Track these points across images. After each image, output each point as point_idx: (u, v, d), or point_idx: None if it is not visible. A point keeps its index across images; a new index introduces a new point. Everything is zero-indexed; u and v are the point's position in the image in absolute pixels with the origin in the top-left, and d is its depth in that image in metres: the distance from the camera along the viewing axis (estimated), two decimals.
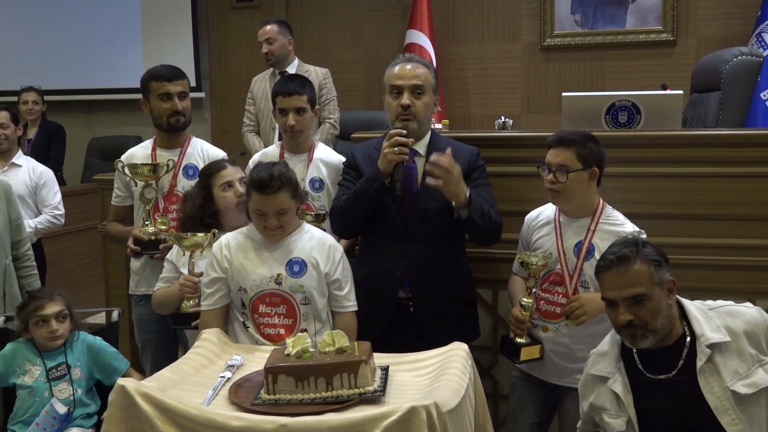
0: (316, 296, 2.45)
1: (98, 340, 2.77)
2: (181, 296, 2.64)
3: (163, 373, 2.11)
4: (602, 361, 2.15)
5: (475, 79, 5.93)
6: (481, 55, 5.90)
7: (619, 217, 2.51)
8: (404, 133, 2.57)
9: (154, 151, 3.06)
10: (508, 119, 4.35)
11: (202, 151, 3.10)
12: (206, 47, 6.51)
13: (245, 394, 1.97)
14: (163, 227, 2.88)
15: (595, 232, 2.47)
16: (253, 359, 2.24)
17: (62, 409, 2.57)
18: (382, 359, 2.15)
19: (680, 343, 2.04)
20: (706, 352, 1.98)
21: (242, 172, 2.80)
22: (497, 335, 2.95)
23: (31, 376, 2.64)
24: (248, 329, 2.44)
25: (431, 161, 2.50)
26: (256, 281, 2.42)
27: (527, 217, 2.67)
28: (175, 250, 2.77)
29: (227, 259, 2.46)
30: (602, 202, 2.52)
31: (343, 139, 4.53)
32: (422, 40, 5.68)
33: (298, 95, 2.99)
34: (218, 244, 2.52)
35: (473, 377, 2.13)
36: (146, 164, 2.94)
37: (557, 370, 2.51)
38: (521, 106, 5.84)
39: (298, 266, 2.44)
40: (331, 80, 4.55)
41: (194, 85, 6.15)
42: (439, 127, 4.35)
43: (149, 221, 2.93)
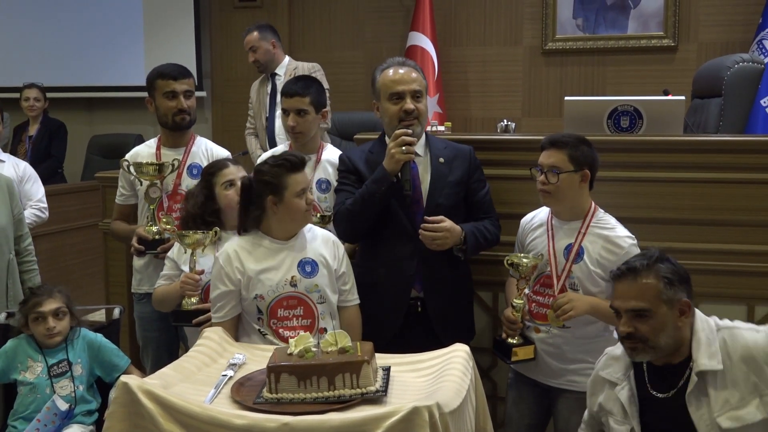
0: (329, 294, 2.48)
1: (99, 337, 2.77)
2: (182, 293, 2.64)
3: (165, 370, 2.12)
4: (614, 365, 2.14)
5: (476, 81, 5.94)
6: (482, 57, 5.91)
7: (610, 220, 2.52)
8: (410, 132, 2.60)
9: (158, 150, 3.06)
10: (510, 122, 4.36)
11: (206, 150, 3.11)
12: (208, 46, 6.52)
13: (247, 392, 1.98)
14: (167, 226, 2.89)
15: (585, 235, 2.49)
16: (255, 358, 2.25)
17: (63, 405, 2.57)
18: (383, 360, 2.15)
19: (685, 364, 2.00)
20: (693, 379, 1.96)
21: (244, 171, 2.81)
22: (498, 335, 2.96)
23: (32, 372, 2.64)
24: (266, 336, 2.43)
25: (425, 227, 2.58)
26: (272, 287, 2.42)
27: (522, 220, 2.71)
28: (176, 247, 2.77)
29: (239, 270, 2.43)
30: (594, 205, 2.54)
31: (346, 139, 4.54)
32: (424, 42, 5.69)
33: (299, 97, 3.00)
34: (224, 256, 2.47)
35: (474, 378, 2.14)
36: (151, 164, 2.95)
37: (550, 371, 2.53)
38: (522, 109, 5.84)
39: (309, 266, 2.46)
40: (321, 73, 4.50)
41: (196, 84, 6.14)
42: (441, 129, 4.36)
43: (153, 220, 2.93)
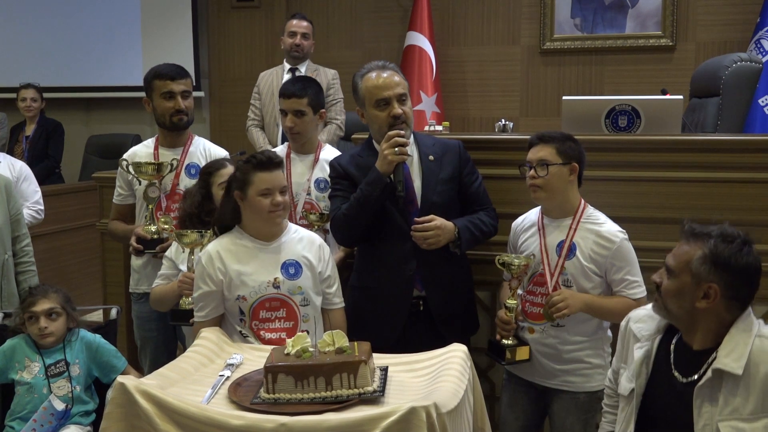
0: (313, 296, 2.46)
1: (97, 337, 2.76)
2: (179, 293, 2.64)
3: (162, 371, 2.11)
4: (648, 322, 2.09)
5: (474, 81, 5.94)
6: (480, 57, 5.91)
7: (599, 216, 2.53)
8: (403, 133, 2.59)
9: (156, 150, 3.06)
10: (508, 122, 4.37)
11: (204, 150, 3.11)
12: (206, 46, 6.51)
13: (245, 392, 1.97)
14: (165, 226, 2.88)
15: (576, 231, 2.50)
16: (252, 358, 2.24)
17: (60, 405, 2.56)
18: (381, 360, 2.15)
19: (706, 354, 1.93)
20: (708, 375, 1.89)
21: None
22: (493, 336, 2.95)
23: (29, 372, 2.64)
24: (247, 338, 2.42)
25: (415, 228, 2.58)
26: (254, 288, 2.41)
27: (513, 224, 2.71)
28: (174, 247, 2.77)
29: (221, 270, 2.42)
30: (583, 202, 2.55)
31: (344, 139, 4.54)
32: (422, 41, 5.69)
33: (297, 98, 2.99)
34: (207, 256, 2.45)
35: (472, 379, 2.14)
36: (151, 163, 2.94)
37: (545, 371, 2.52)
38: (520, 109, 5.85)
39: (293, 268, 2.45)
40: (338, 82, 4.58)
41: (193, 84, 6.13)
42: (439, 129, 4.36)
43: (152, 220, 2.93)
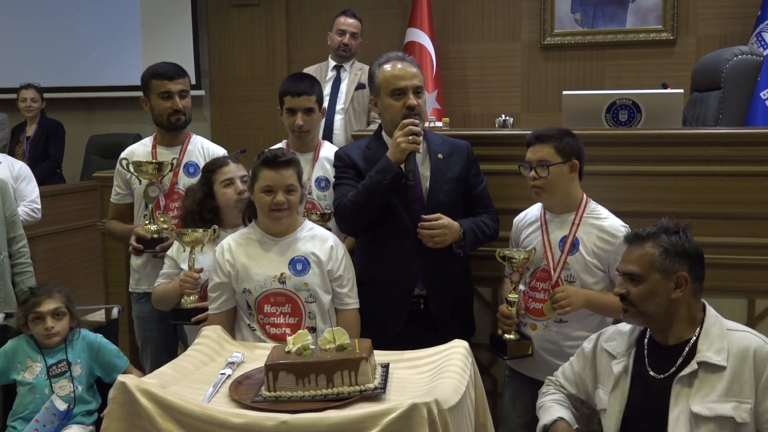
0: (320, 294, 2.45)
1: (99, 337, 2.76)
2: (181, 292, 2.64)
3: (163, 369, 2.11)
4: (618, 339, 2.17)
5: (474, 77, 5.93)
6: (480, 53, 5.89)
7: (602, 211, 2.53)
8: (417, 122, 2.59)
9: (154, 148, 3.06)
10: (508, 118, 4.36)
11: (202, 148, 3.10)
12: (206, 45, 6.50)
13: (246, 391, 1.97)
14: (164, 225, 2.88)
15: (579, 226, 2.50)
16: (253, 356, 2.24)
17: (62, 405, 2.56)
18: (382, 356, 2.15)
19: (681, 347, 2.04)
20: (693, 366, 1.98)
21: (244, 170, 2.80)
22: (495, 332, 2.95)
23: (31, 372, 2.64)
24: (255, 331, 2.43)
25: (422, 226, 2.58)
26: (260, 282, 2.42)
27: (515, 219, 2.71)
28: (175, 246, 2.77)
29: (230, 263, 2.45)
30: (585, 197, 2.55)
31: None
32: (422, 38, 5.67)
33: (306, 95, 2.99)
34: (220, 248, 2.51)
35: (473, 375, 2.13)
36: (151, 162, 2.94)
37: (547, 367, 2.51)
38: (521, 104, 5.83)
39: (301, 264, 2.44)
40: None
41: (194, 83, 6.14)
42: (439, 125, 4.35)
43: (152, 219, 2.92)
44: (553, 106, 5.61)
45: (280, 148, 2.69)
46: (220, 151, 3.11)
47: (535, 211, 2.64)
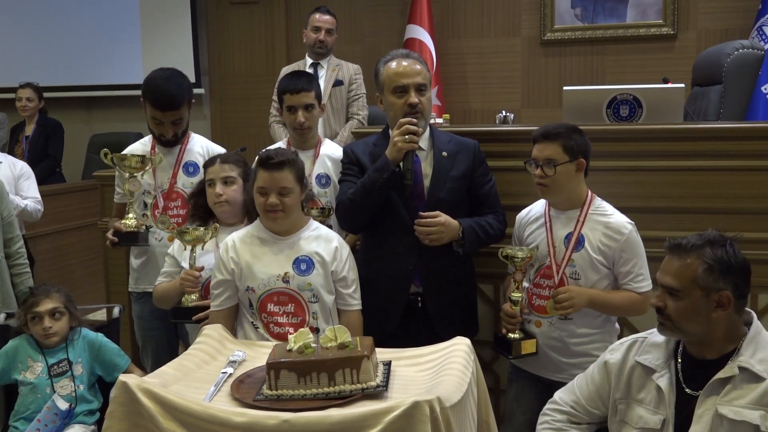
0: (323, 294, 2.45)
1: (100, 336, 2.76)
2: (182, 290, 2.64)
3: (164, 369, 2.10)
4: (653, 352, 2.03)
5: (475, 73, 5.92)
6: (480, 49, 5.89)
7: (607, 208, 2.52)
8: (415, 121, 2.57)
9: (153, 148, 3.03)
10: (509, 114, 4.35)
11: (202, 148, 3.07)
12: (205, 43, 6.50)
13: (247, 389, 1.97)
14: (162, 225, 2.86)
15: (584, 223, 2.48)
16: (255, 355, 2.24)
17: (64, 405, 2.56)
18: (384, 354, 2.14)
19: (720, 362, 1.91)
20: (733, 369, 1.87)
21: (234, 170, 2.74)
22: (498, 330, 2.94)
23: (32, 372, 2.64)
24: (258, 329, 2.43)
25: (418, 222, 2.55)
26: (263, 280, 2.42)
27: (518, 216, 2.69)
28: (176, 244, 2.77)
29: (234, 260, 2.45)
30: (590, 193, 2.54)
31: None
32: (422, 34, 5.67)
33: (306, 92, 2.98)
34: (224, 245, 2.51)
35: (476, 372, 2.12)
36: (134, 156, 2.89)
37: (552, 365, 2.51)
38: (521, 100, 5.83)
39: (305, 264, 2.44)
40: (361, 77, 4.52)
41: (193, 81, 6.14)
42: (440, 121, 4.35)
43: (132, 214, 2.88)
44: (553, 101, 5.60)
45: (279, 148, 2.67)
46: (220, 150, 3.08)
47: (538, 207, 2.63)
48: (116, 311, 2.96)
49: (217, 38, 6.48)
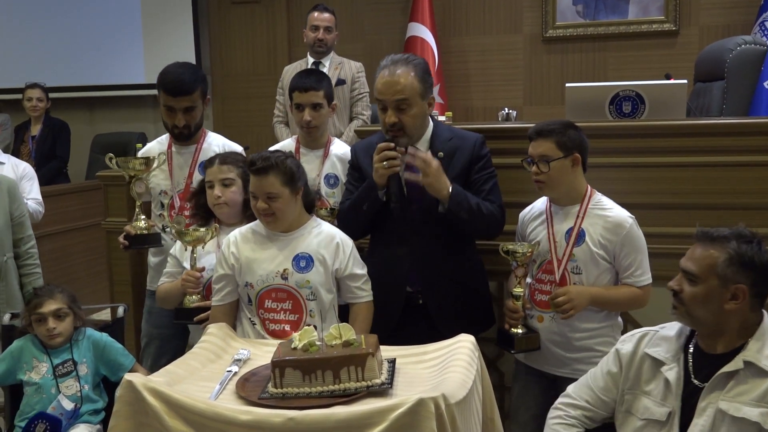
0: (322, 292, 2.44)
1: (104, 336, 2.76)
2: (183, 291, 2.64)
3: (169, 368, 2.11)
4: (664, 345, 2.05)
5: (477, 71, 5.92)
6: (482, 47, 5.88)
7: (607, 202, 2.52)
8: (392, 146, 2.52)
9: (170, 147, 2.99)
10: (511, 111, 4.35)
11: (218, 146, 3.01)
12: (207, 43, 6.51)
13: (252, 388, 1.97)
14: (177, 226, 2.85)
15: (584, 217, 2.49)
16: (259, 353, 2.24)
17: (69, 405, 2.57)
18: (388, 352, 2.14)
19: (729, 356, 1.92)
20: (738, 363, 1.89)
21: (235, 172, 2.72)
22: (501, 326, 2.94)
23: (37, 372, 2.64)
24: (255, 325, 2.44)
25: (410, 153, 2.51)
26: (262, 276, 2.42)
27: (521, 214, 2.70)
28: (178, 244, 2.77)
29: (234, 255, 2.47)
30: (590, 188, 2.54)
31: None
32: (424, 32, 5.67)
33: (314, 91, 2.97)
34: (226, 240, 2.53)
35: (480, 369, 2.12)
36: (138, 158, 2.87)
37: (555, 360, 2.52)
38: (523, 97, 5.82)
39: (304, 261, 2.44)
40: (364, 75, 4.50)
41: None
42: (442, 119, 4.33)
43: (142, 216, 2.86)
44: (556, 98, 5.60)
45: (270, 150, 2.57)
46: (237, 148, 3.03)
47: (540, 204, 2.64)
48: (120, 311, 2.96)
49: (218, 38, 6.48)
